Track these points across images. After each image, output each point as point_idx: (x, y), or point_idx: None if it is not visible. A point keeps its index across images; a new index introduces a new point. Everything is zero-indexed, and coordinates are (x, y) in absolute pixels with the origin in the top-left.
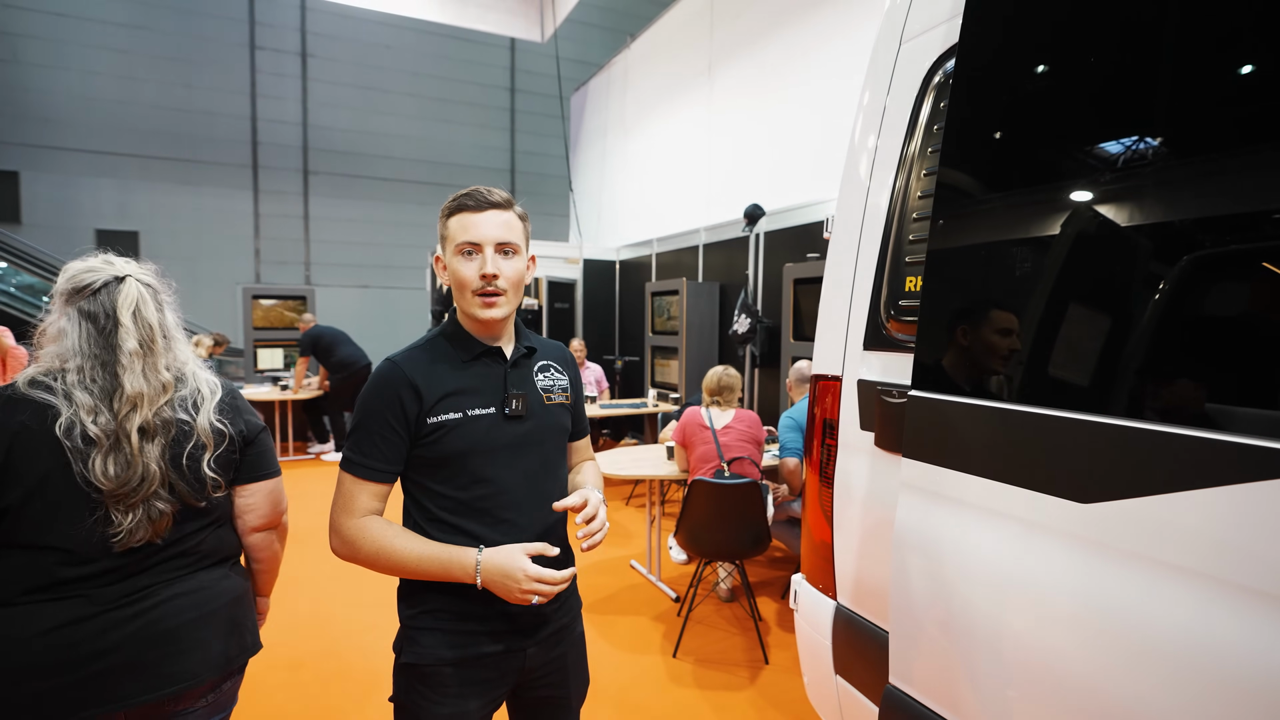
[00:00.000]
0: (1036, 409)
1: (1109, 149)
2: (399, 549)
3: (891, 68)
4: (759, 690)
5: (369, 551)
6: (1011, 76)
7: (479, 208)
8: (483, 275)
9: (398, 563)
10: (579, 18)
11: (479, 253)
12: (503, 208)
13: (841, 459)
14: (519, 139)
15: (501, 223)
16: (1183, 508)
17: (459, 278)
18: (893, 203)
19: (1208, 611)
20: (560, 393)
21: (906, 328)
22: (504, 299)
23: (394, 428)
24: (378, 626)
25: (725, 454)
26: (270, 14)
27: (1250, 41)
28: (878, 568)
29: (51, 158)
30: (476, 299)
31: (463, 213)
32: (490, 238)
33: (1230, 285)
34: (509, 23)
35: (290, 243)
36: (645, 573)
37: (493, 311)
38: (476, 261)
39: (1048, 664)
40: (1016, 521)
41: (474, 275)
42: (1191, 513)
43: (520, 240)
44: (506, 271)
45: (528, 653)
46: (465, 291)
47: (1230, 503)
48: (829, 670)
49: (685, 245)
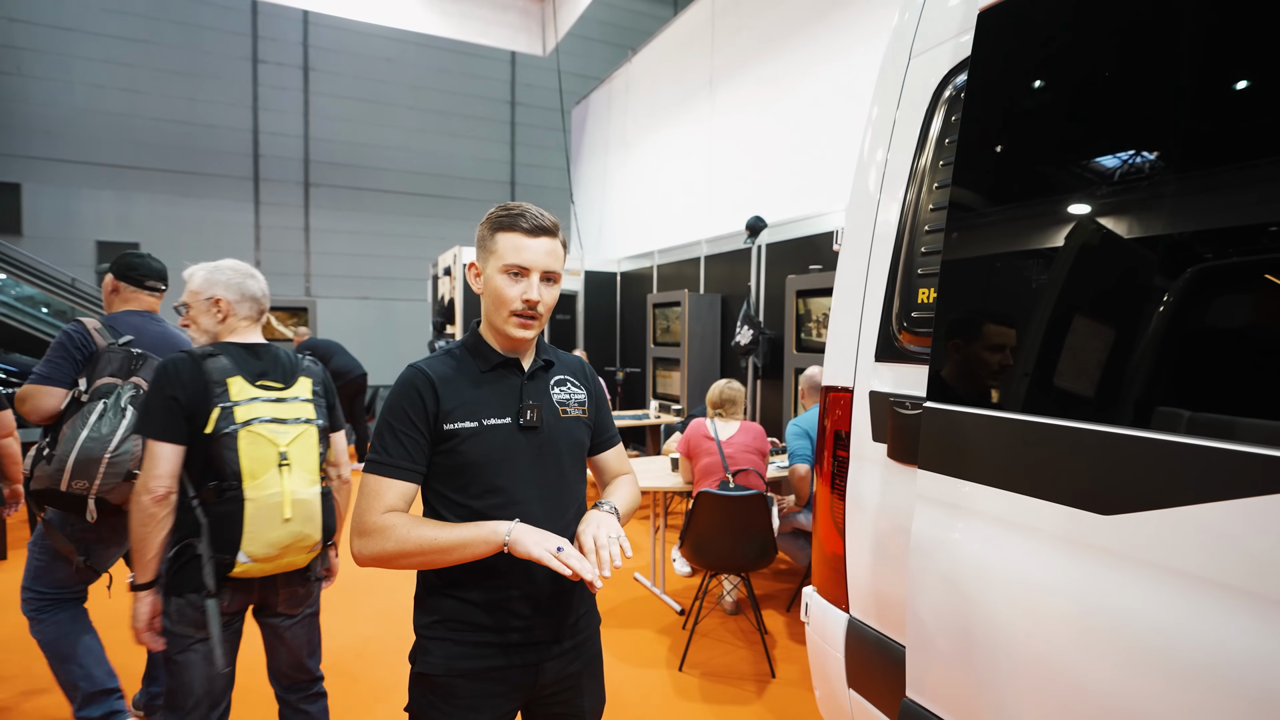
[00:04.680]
0: (1057, 420)
1: (1124, 161)
2: (429, 528)
3: (901, 82)
4: (766, 704)
5: (398, 537)
6: (1023, 89)
7: (533, 232)
8: (526, 300)
9: (429, 540)
10: (580, 32)
11: (525, 277)
12: (553, 235)
13: (853, 471)
14: (520, 152)
15: (550, 250)
16: (1207, 520)
17: (501, 295)
18: (903, 215)
19: (1233, 624)
20: (577, 406)
21: (919, 339)
22: (537, 323)
23: (417, 427)
24: (379, 638)
25: (730, 466)
26: (273, 28)
27: (1258, 56)
28: (892, 580)
29: (53, 170)
30: (514, 319)
31: (515, 233)
32: (540, 265)
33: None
34: (511, 37)
35: (291, 255)
36: (650, 585)
37: (527, 333)
38: (522, 285)
39: (1069, 677)
40: (1037, 534)
41: (517, 298)
42: (1216, 525)
43: (561, 268)
44: (547, 299)
45: (542, 667)
46: (503, 310)
47: (1255, 514)
48: (842, 683)
49: (687, 257)
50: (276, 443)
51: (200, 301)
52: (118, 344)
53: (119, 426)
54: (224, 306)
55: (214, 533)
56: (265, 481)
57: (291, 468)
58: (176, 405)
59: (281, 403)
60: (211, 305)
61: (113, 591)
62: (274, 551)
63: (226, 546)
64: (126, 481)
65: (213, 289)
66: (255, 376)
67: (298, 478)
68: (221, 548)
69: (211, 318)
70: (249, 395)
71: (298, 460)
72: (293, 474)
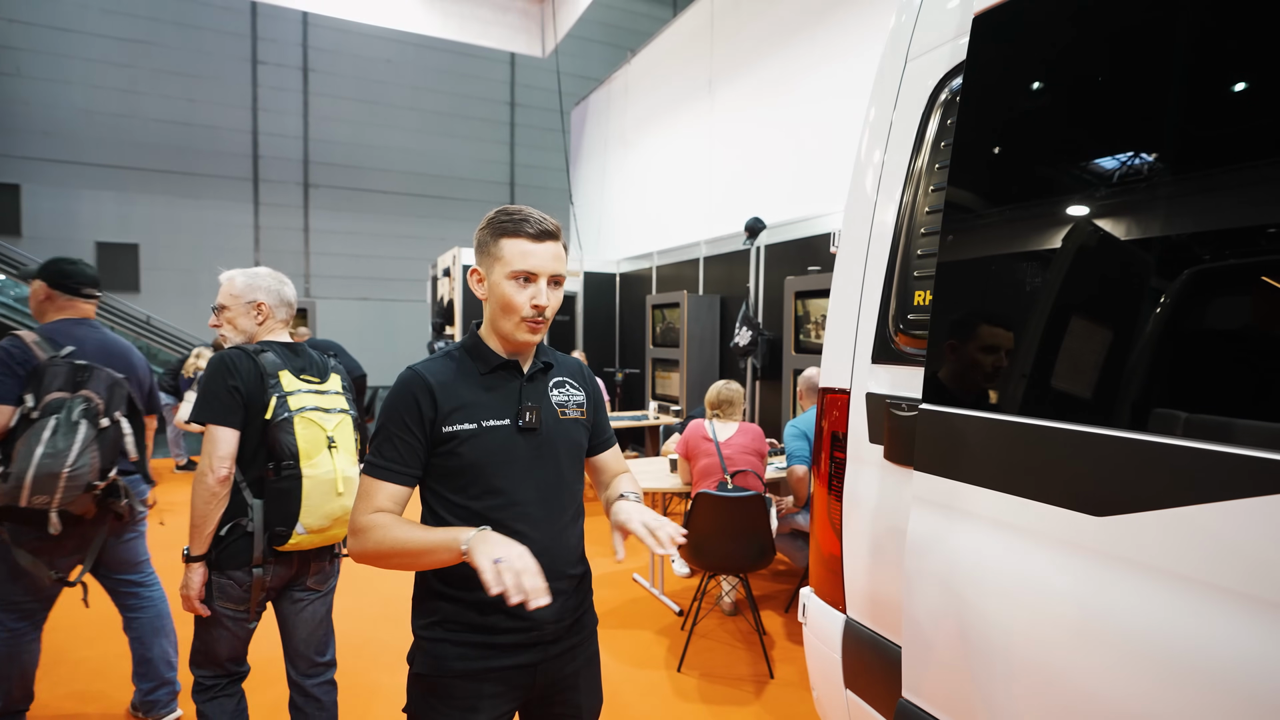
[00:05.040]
0: (1051, 422)
1: (1119, 164)
2: (404, 529)
3: (897, 85)
4: (765, 705)
5: (376, 538)
6: (1019, 93)
7: (538, 238)
8: (535, 305)
9: (401, 542)
10: (580, 33)
11: (533, 282)
12: (556, 238)
13: (850, 472)
14: (519, 153)
15: (556, 254)
16: (1200, 521)
17: (508, 302)
18: (900, 217)
19: (1225, 625)
20: (576, 408)
21: (915, 341)
22: (544, 325)
23: (412, 430)
24: (378, 639)
25: (728, 467)
26: (272, 29)
27: (1252, 58)
28: (888, 581)
29: (53, 171)
30: (523, 324)
31: (520, 238)
32: (547, 270)
33: (1238, 299)
34: (510, 38)
35: (290, 255)
36: (648, 586)
37: (536, 337)
38: (530, 291)
39: (1061, 677)
40: (1031, 535)
41: (526, 303)
42: (1209, 526)
43: (565, 271)
44: (553, 302)
45: (539, 668)
46: (512, 315)
47: (1249, 516)
48: (839, 684)
49: (686, 258)
50: (325, 427)
51: (241, 305)
52: (59, 356)
53: (74, 441)
54: (265, 310)
55: (273, 508)
56: (319, 461)
57: (339, 449)
58: (239, 394)
59: (322, 394)
60: (253, 308)
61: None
62: (327, 523)
63: (285, 520)
64: (87, 493)
65: (255, 294)
66: (298, 371)
67: (343, 458)
68: (280, 521)
69: (251, 319)
70: (297, 387)
71: (342, 443)
72: (340, 454)
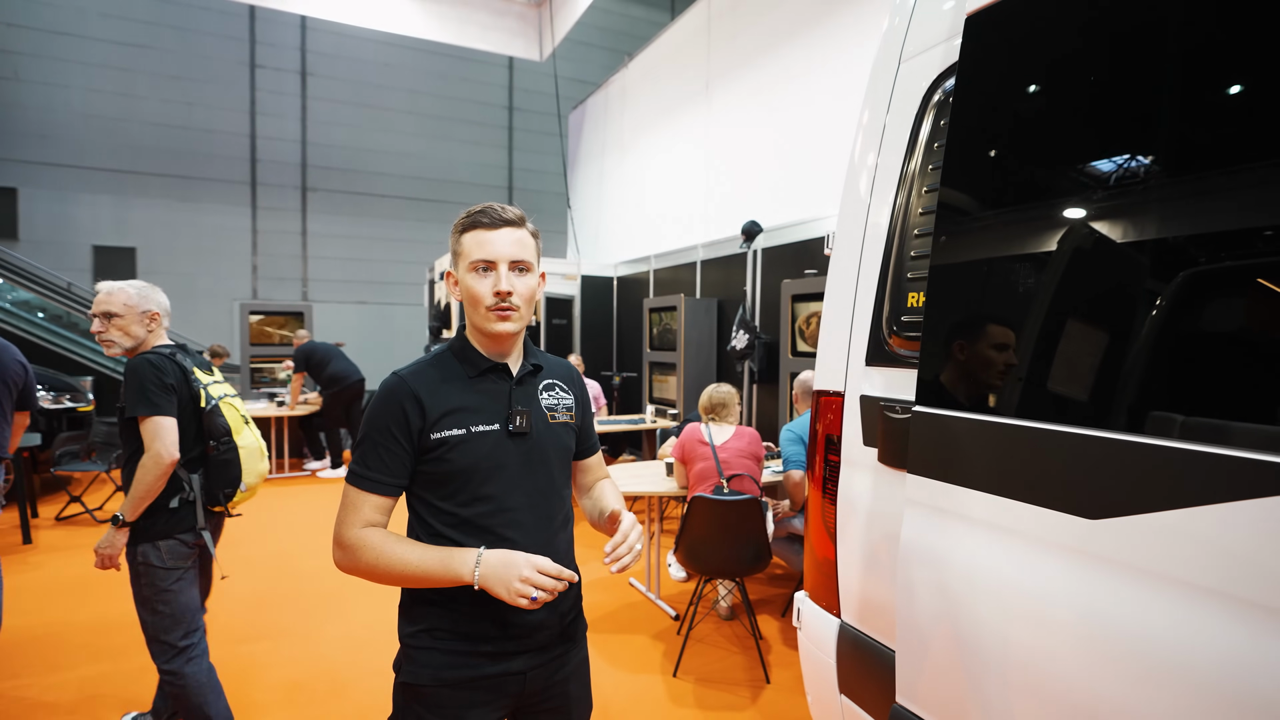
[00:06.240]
0: (1042, 424)
1: (1112, 166)
2: (399, 553)
3: (891, 87)
4: (760, 710)
5: (369, 559)
6: (1012, 94)
7: (494, 225)
8: (496, 292)
9: (398, 567)
10: (577, 37)
11: (493, 270)
12: (516, 225)
13: (844, 475)
14: (517, 156)
15: (515, 240)
16: (1191, 523)
17: (473, 294)
18: (893, 219)
19: (1216, 627)
20: (565, 412)
21: (909, 343)
22: (517, 314)
23: (398, 440)
24: (371, 645)
25: (725, 470)
26: (271, 33)
27: (1244, 61)
28: (883, 585)
29: (50, 174)
30: (491, 314)
31: (477, 230)
32: (505, 255)
33: (1234, 300)
34: (508, 42)
35: (288, 259)
36: (644, 590)
37: (506, 325)
38: (490, 279)
39: (1055, 681)
40: (1023, 537)
41: (488, 292)
42: (1200, 528)
43: (533, 258)
44: (520, 288)
45: (528, 675)
46: (479, 307)
47: (1238, 518)
48: (834, 689)
49: (683, 262)
50: (237, 408)
51: (136, 314)
52: None
53: None
54: (156, 319)
55: (218, 475)
56: (244, 434)
57: (249, 424)
58: (173, 390)
59: (220, 384)
60: (146, 317)
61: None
62: (258, 481)
63: (231, 483)
64: None
65: (148, 304)
66: (200, 368)
67: (255, 430)
68: (226, 485)
69: (143, 327)
70: (208, 380)
71: (248, 419)
72: (252, 427)
